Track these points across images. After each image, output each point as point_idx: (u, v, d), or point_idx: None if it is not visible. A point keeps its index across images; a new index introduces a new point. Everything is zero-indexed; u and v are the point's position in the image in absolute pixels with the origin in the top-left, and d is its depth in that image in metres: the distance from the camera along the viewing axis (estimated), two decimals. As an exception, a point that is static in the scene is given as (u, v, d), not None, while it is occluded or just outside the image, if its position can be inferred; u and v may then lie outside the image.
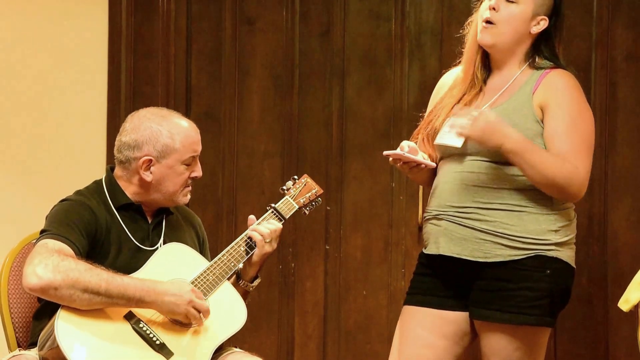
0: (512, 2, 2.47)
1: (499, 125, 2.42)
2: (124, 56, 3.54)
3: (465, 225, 2.47)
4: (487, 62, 2.56)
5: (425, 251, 2.56)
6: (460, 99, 2.54)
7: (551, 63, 2.52)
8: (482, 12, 2.52)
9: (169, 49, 3.55)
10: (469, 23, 2.57)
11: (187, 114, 3.57)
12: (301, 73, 3.53)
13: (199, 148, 2.47)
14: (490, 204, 2.47)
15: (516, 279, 2.45)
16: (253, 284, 2.52)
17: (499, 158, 2.47)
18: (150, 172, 2.41)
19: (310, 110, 3.53)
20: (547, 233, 2.46)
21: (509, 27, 2.48)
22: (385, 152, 2.52)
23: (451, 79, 2.62)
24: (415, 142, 2.60)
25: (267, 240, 2.47)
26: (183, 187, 2.45)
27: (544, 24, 2.50)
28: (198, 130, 2.48)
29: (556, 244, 2.47)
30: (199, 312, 2.34)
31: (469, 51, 2.56)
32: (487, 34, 2.49)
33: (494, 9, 2.48)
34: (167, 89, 3.54)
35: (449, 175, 2.52)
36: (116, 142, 2.45)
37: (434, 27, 3.46)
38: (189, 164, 2.44)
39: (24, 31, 3.50)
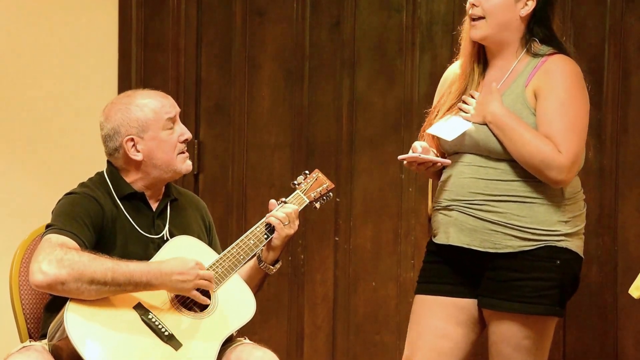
0: None
1: (485, 99, 2.45)
2: (134, 49, 3.54)
3: (476, 217, 2.48)
4: (484, 56, 2.55)
5: (435, 240, 2.57)
6: (459, 96, 2.54)
7: (549, 48, 2.50)
8: (468, 10, 2.53)
9: (179, 42, 3.55)
10: (463, 22, 2.56)
11: (197, 106, 3.58)
12: (311, 65, 3.52)
13: (174, 110, 2.46)
14: (501, 195, 2.47)
15: (526, 269, 2.45)
16: (274, 267, 2.53)
17: (500, 156, 2.47)
18: (138, 151, 2.41)
19: (321, 102, 3.52)
20: (557, 224, 2.46)
21: (495, 17, 2.47)
22: (400, 157, 2.53)
23: (453, 74, 2.62)
24: (423, 139, 2.61)
25: (286, 223, 2.48)
26: (176, 152, 2.44)
27: (531, 4, 2.49)
28: (168, 95, 2.48)
29: (566, 235, 2.48)
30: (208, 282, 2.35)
31: (464, 49, 2.56)
32: (475, 29, 2.50)
33: (475, 5, 2.48)
34: (177, 82, 3.54)
35: (459, 168, 2.52)
36: (101, 140, 2.47)
37: (445, 18, 3.44)
38: (169, 127, 2.43)
39: (34, 24, 3.50)
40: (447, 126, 2.50)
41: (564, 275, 2.47)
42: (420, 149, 2.51)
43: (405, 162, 2.54)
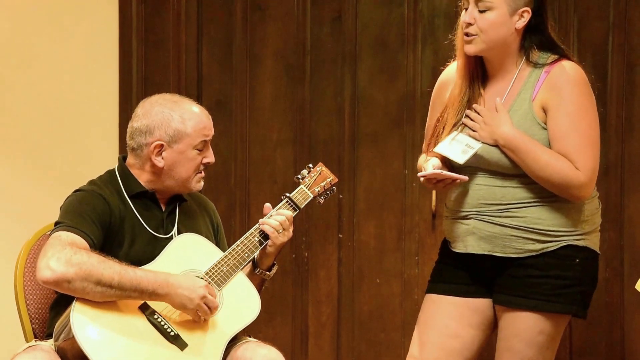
0: (486, 10, 2.45)
1: (493, 119, 2.42)
2: (135, 45, 3.54)
3: (495, 223, 2.47)
4: (482, 68, 2.53)
5: (453, 249, 2.55)
6: (462, 111, 2.52)
7: (549, 54, 2.48)
8: (462, 26, 2.49)
9: (180, 38, 3.54)
10: (455, 31, 2.54)
11: (198, 102, 3.53)
12: (313, 60, 3.51)
13: (211, 133, 2.46)
14: (519, 202, 2.46)
15: (546, 268, 2.46)
16: (270, 273, 2.51)
17: (514, 172, 2.46)
18: (162, 158, 2.41)
19: (322, 97, 3.51)
20: (578, 223, 2.47)
21: (491, 34, 2.45)
22: (420, 174, 2.51)
23: (450, 77, 2.58)
24: (430, 153, 2.59)
25: (279, 231, 2.46)
26: (196, 173, 2.44)
27: (527, 15, 2.46)
28: (210, 116, 2.48)
29: (586, 233, 2.49)
30: (210, 309, 2.33)
31: (459, 61, 2.53)
32: (470, 46, 2.47)
33: (470, 23, 2.46)
34: (178, 78, 3.53)
35: (473, 179, 2.51)
36: (128, 129, 2.45)
37: (447, 11, 3.42)
38: (200, 149, 2.43)
39: (35, 22, 3.49)
40: (456, 146, 2.48)
41: (583, 273, 2.48)
42: (430, 168, 2.49)
43: (422, 179, 2.51)
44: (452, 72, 2.59)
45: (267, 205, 2.52)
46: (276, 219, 2.47)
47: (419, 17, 3.45)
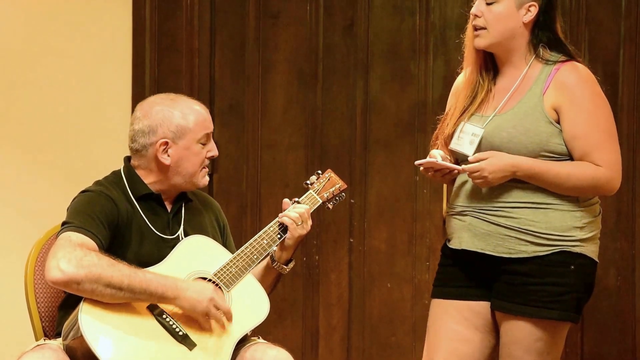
0: (493, 2, 2.47)
1: (503, 165, 2.41)
2: (148, 50, 3.55)
3: (490, 222, 2.47)
4: (492, 63, 2.54)
5: (449, 245, 2.57)
6: (469, 105, 2.53)
7: (559, 55, 2.49)
8: (471, 20, 2.52)
9: (193, 43, 3.56)
10: (465, 29, 2.56)
11: (211, 107, 3.58)
12: (325, 67, 3.53)
13: (212, 126, 2.49)
14: (515, 202, 2.46)
15: (540, 274, 2.45)
16: (287, 267, 2.52)
17: None
18: (168, 155, 2.42)
19: (334, 104, 3.53)
20: (572, 230, 2.46)
21: (498, 27, 2.47)
22: (417, 162, 2.52)
23: (462, 83, 2.61)
24: (436, 146, 2.60)
25: (299, 223, 2.47)
26: (201, 167, 2.46)
27: (534, 10, 2.48)
28: (208, 110, 2.50)
29: (581, 240, 2.47)
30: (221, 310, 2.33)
31: (469, 57, 2.55)
32: (479, 39, 2.49)
33: (477, 16, 2.48)
34: (191, 83, 3.55)
35: None
36: (129, 132, 2.46)
37: (458, 22, 3.44)
38: (204, 142, 2.45)
39: (49, 26, 3.52)
40: (464, 138, 2.49)
41: (578, 280, 2.47)
42: (438, 157, 2.51)
43: (421, 168, 2.53)
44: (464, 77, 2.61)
45: (286, 200, 2.54)
46: (295, 211, 2.49)
47: (430, 28, 3.47)
